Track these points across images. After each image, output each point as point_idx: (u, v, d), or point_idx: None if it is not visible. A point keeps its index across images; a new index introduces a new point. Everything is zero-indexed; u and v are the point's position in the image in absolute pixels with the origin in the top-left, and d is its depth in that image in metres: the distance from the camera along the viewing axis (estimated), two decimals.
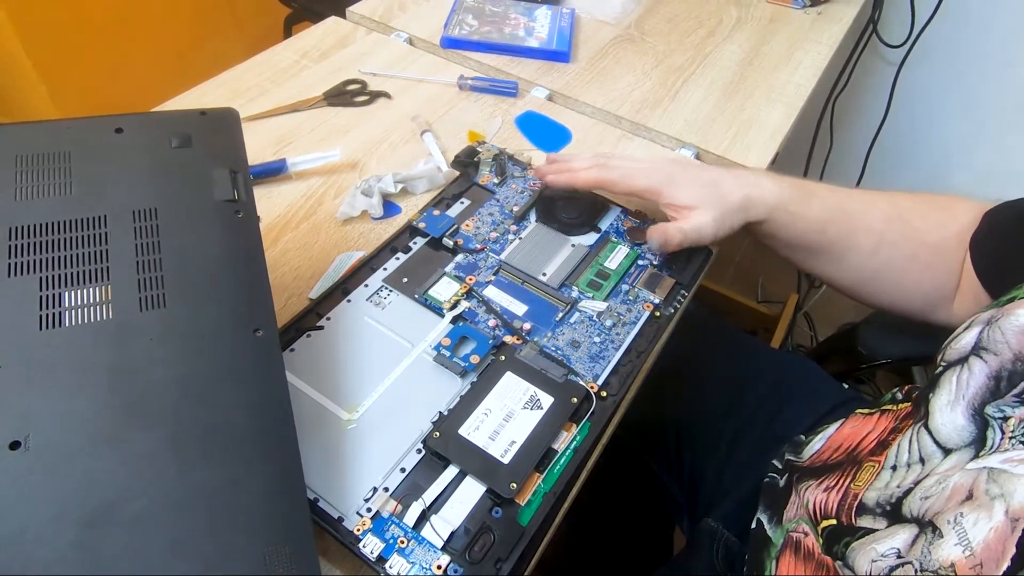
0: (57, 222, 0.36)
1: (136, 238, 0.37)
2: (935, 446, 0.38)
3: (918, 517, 0.35)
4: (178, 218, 0.38)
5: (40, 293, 0.33)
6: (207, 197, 0.40)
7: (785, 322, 1.41)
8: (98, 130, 0.41)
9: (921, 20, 1.23)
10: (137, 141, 0.41)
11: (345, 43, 0.83)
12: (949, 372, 0.40)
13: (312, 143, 0.69)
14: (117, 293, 0.35)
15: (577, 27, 0.89)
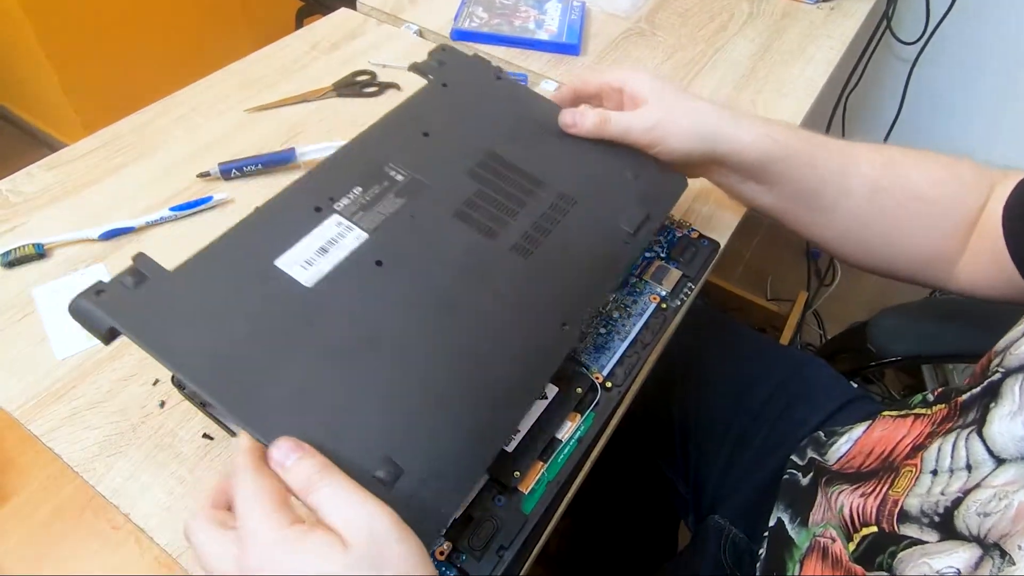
0: (517, 165, 0.49)
1: (548, 209, 0.47)
2: (987, 454, 0.36)
3: (979, 536, 0.34)
4: (584, 216, 0.48)
5: (472, 194, 0.46)
6: (615, 218, 0.49)
7: (794, 320, 1.40)
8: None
9: (936, 16, 1.21)
10: (607, 157, 0.52)
11: (355, 35, 0.83)
12: (1011, 380, 0.38)
13: (321, 133, 0.69)
14: (506, 228, 0.45)
15: (587, 20, 0.89)
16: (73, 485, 0.44)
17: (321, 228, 0.40)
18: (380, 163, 0.45)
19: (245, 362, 0.34)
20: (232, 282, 0.37)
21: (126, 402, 0.47)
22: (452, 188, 0.45)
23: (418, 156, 0.46)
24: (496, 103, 0.53)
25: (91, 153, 0.64)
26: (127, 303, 0.35)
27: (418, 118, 0.50)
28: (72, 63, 1.45)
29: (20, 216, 0.58)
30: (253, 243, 0.39)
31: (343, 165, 0.45)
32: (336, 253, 0.39)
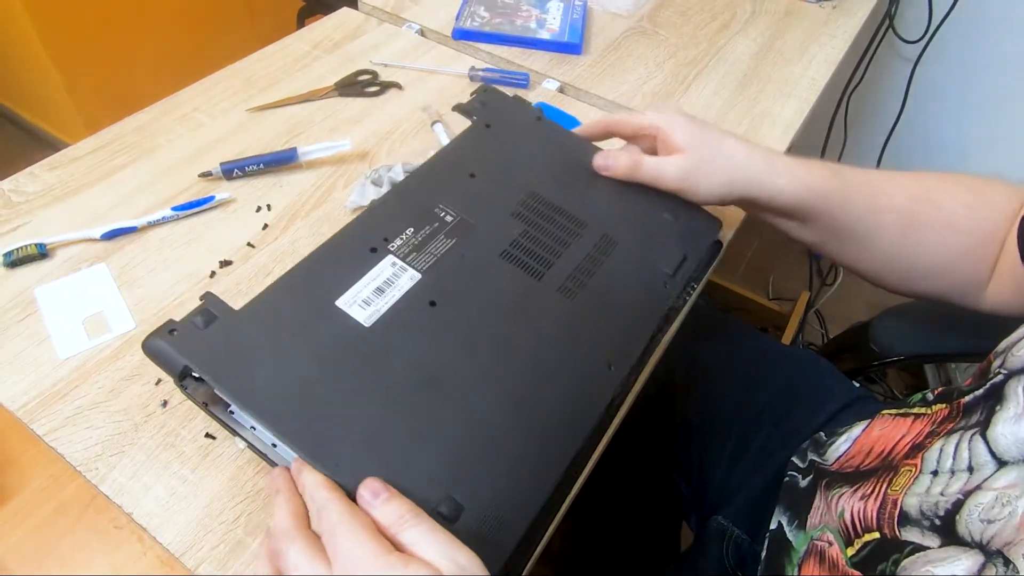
0: (558, 206, 0.50)
1: (591, 250, 0.48)
2: (989, 456, 0.36)
3: (981, 543, 0.33)
4: (625, 258, 0.49)
5: (518, 235, 0.47)
6: (655, 259, 0.50)
7: (796, 320, 1.40)
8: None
9: (938, 15, 1.21)
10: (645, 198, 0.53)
11: (357, 34, 0.83)
12: (1014, 381, 0.38)
13: (323, 133, 0.69)
14: (551, 269, 0.46)
15: (589, 19, 0.89)
16: (75, 484, 0.44)
17: (377, 269, 0.42)
18: (430, 204, 0.46)
19: (312, 402, 0.36)
20: (296, 322, 0.39)
21: (128, 402, 0.47)
22: (498, 229, 0.47)
23: (465, 197, 0.48)
24: (537, 144, 0.55)
25: (93, 153, 0.64)
26: (198, 343, 0.36)
27: (464, 159, 0.51)
28: (75, 63, 1.45)
29: (22, 216, 0.58)
30: (314, 283, 0.40)
31: (396, 206, 0.46)
32: (392, 293, 0.41)
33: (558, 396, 0.41)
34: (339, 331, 0.39)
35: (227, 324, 0.37)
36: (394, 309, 0.40)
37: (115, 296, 0.53)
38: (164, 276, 0.55)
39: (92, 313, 0.51)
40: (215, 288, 0.54)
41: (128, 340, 0.50)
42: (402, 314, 0.40)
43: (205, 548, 0.41)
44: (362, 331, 0.39)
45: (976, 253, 0.51)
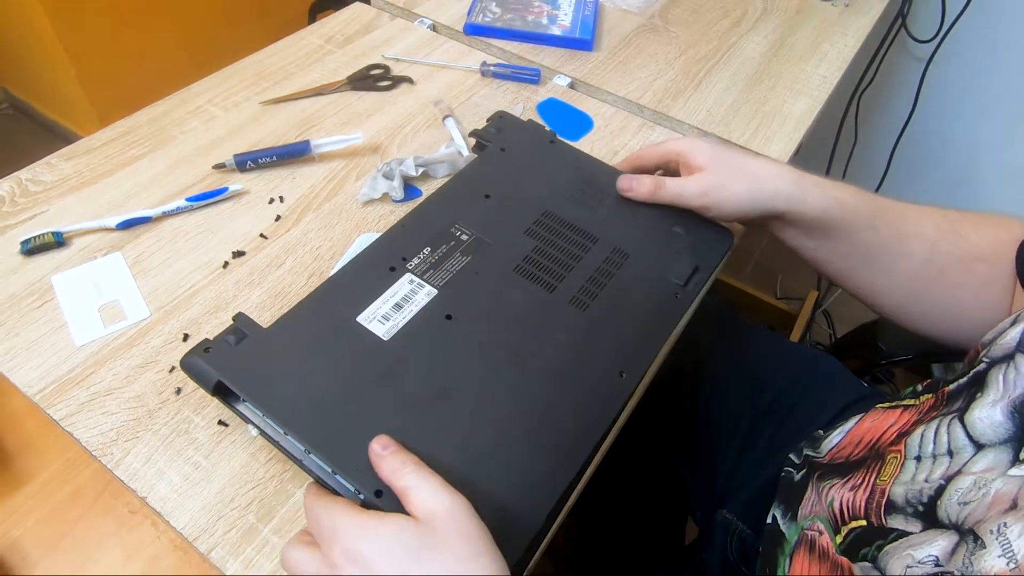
0: (571, 222, 0.52)
1: (603, 263, 0.50)
2: (967, 439, 0.37)
3: (957, 524, 0.34)
4: (637, 270, 0.50)
5: (530, 251, 0.49)
6: (667, 271, 0.51)
7: (803, 320, 1.39)
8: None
9: (952, 15, 1.21)
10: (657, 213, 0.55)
11: (369, 28, 0.84)
12: (996, 370, 0.38)
13: (335, 126, 0.69)
14: (564, 283, 0.47)
15: (601, 16, 0.89)
16: (91, 469, 0.45)
17: (396, 286, 0.44)
18: (447, 224, 0.49)
19: (334, 412, 0.39)
20: (319, 337, 0.42)
21: (143, 388, 0.47)
22: (512, 245, 0.49)
23: (481, 217, 0.50)
24: (550, 165, 0.57)
25: (109, 144, 0.65)
26: (231, 359, 0.39)
27: (480, 182, 0.53)
28: (88, 56, 1.46)
29: (40, 205, 0.59)
30: (336, 301, 0.43)
31: (414, 227, 0.49)
32: (409, 309, 0.43)
33: (571, 404, 0.42)
34: (360, 345, 0.41)
35: (256, 341, 0.41)
36: (411, 323, 0.43)
37: (130, 284, 0.53)
38: (178, 265, 0.55)
39: (108, 301, 0.52)
40: (228, 279, 0.55)
41: (143, 328, 0.51)
42: (419, 327, 0.43)
43: (218, 533, 0.41)
44: (381, 344, 0.41)
45: (1000, 283, 0.50)
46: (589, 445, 0.41)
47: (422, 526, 0.33)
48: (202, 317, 0.52)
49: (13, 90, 1.79)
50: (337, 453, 0.37)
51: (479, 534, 0.33)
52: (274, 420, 0.38)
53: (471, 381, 0.41)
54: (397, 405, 0.39)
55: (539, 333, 0.45)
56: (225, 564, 0.40)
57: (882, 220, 0.52)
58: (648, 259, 0.51)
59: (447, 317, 0.43)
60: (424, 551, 0.32)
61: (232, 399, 0.40)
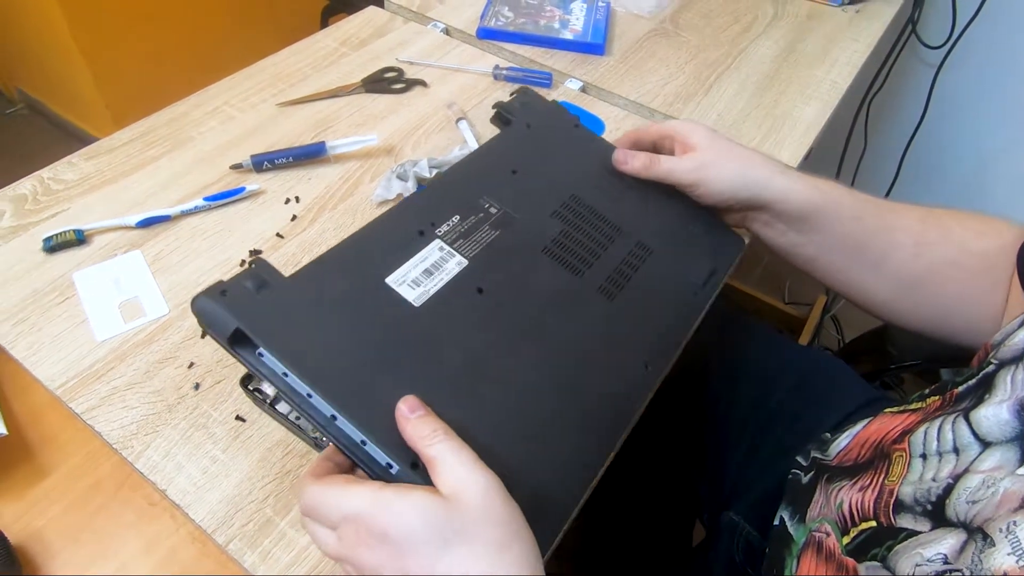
0: (596, 210, 0.51)
1: (627, 255, 0.50)
2: (972, 437, 0.37)
3: (965, 522, 0.34)
4: (659, 266, 0.51)
5: (558, 234, 0.48)
6: (687, 269, 0.52)
7: (812, 324, 1.39)
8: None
9: (962, 21, 1.21)
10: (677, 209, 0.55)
11: (383, 32, 0.85)
12: (1004, 371, 0.39)
13: (350, 128, 0.70)
14: (591, 270, 0.47)
15: (612, 20, 0.90)
16: (111, 462, 0.46)
17: (425, 251, 0.42)
18: (475, 195, 0.48)
19: (367, 377, 0.36)
20: (347, 294, 0.39)
21: (163, 383, 0.48)
22: (540, 225, 0.48)
23: (508, 192, 0.49)
24: (575, 149, 0.56)
25: (129, 144, 0.66)
26: (251, 306, 0.35)
27: (507, 156, 0.52)
28: (104, 58, 1.48)
29: (61, 203, 0.60)
30: (363, 259, 0.41)
31: (442, 193, 0.47)
32: (440, 277, 0.41)
33: (598, 392, 0.42)
34: (390, 308, 0.39)
35: (278, 290, 0.37)
36: (443, 292, 0.41)
37: (149, 282, 0.54)
38: (196, 264, 0.56)
39: (127, 298, 0.53)
40: None
41: (162, 324, 0.52)
42: (451, 298, 0.41)
43: (236, 525, 0.42)
44: (412, 310, 0.39)
45: (987, 278, 0.50)
46: (617, 434, 0.41)
47: (451, 507, 0.30)
48: None
49: (29, 90, 1.81)
50: (368, 419, 0.34)
51: (513, 517, 0.31)
52: (301, 377, 0.34)
53: (503, 359, 0.40)
54: (428, 375, 0.37)
55: (568, 317, 0.44)
56: (243, 556, 0.41)
57: (866, 211, 0.52)
58: (669, 256, 0.51)
59: (479, 291, 0.42)
60: (454, 536, 0.30)
61: (247, 352, 0.35)
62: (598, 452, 0.40)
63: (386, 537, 0.30)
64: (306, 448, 0.46)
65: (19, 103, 1.86)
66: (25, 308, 0.52)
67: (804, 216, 0.53)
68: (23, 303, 0.52)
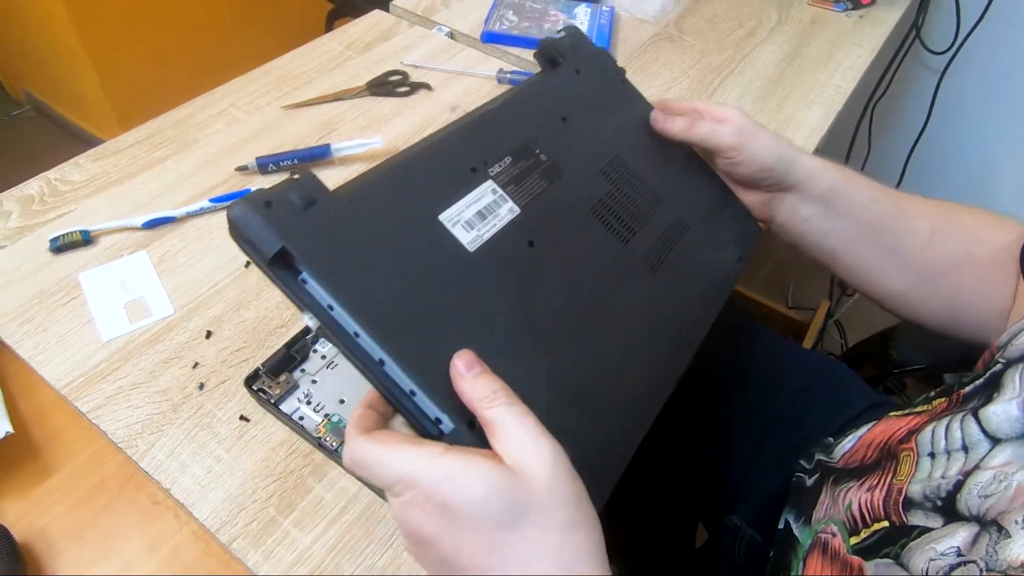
0: (641, 176, 0.49)
1: (667, 228, 0.49)
2: (982, 435, 0.37)
3: (978, 515, 0.34)
4: (696, 243, 0.50)
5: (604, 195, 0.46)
6: (719, 251, 0.52)
7: (815, 329, 1.39)
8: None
9: (966, 26, 1.21)
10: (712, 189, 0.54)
11: (388, 36, 0.85)
12: (1012, 370, 0.39)
13: (355, 130, 0.71)
14: (635, 238, 0.46)
15: (616, 25, 0.90)
16: (116, 461, 0.46)
17: (478, 191, 0.39)
18: (526, 139, 0.44)
19: (421, 322, 0.32)
20: (400, 227, 0.35)
21: (167, 383, 0.49)
22: (588, 183, 0.45)
23: (558, 141, 0.46)
24: (621, 106, 0.53)
25: (135, 145, 0.66)
26: (297, 225, 0.30)
27: (556, 101, 0.49)
28: (110, 60, 1.49)
29: (68, 204, 0.60)
30: (415, 188, 0.37)
31: (493, 129, 0.43)
32: (493, 222, 0.38)
33: (638, 366, 0.41)
34: (444, 249, 0.36)
35: (326, 211, 0.32)
36: (495, 239, 0.38)
37: (155, 282, 0.55)
38: (201, 265, 0.57)
39: (133, 298, 0.53)
40: (250, 278, 0.56)
41: (167, 325, 0.52)
42: (503, 247, 0.38)
43: (239, 525, 0.42)
44: (467, 255, 0.36)
45: (1000, 271, 0.50)
46: (653, 411, 0.40)
47: (517, 481, 0.28)
48: (224, 315, 0.53)
49: (35, 92, 1.82)
50: (421, 367, 0.30)
51: (580, 495, 0.29)
52: (349, 312, 0.30)
53: (553, 319, 0.37)
54: (482, 329, 0.34)
55: (615, 285, 0.42)
56: (246, 555, 0.41)
57: (883, 195, 0.53)
58: (704, 235, 0.50)
59: (530, 243, 0.39)
60: (521, 514, 0.27)
61: (288, 277, 0.31)
62: (634, 432, 0.39)
63: (446, 508, 0.27)
64: (309, 448, 0.46)
65: (25, 105, 1.87)
66: (31, 308, 0.52)
67: (829, 198, 0.53)
68: (29, 303, 0.53)
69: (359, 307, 0.30)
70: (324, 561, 0.41)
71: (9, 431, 0.45)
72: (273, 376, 0.48)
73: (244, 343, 0.51)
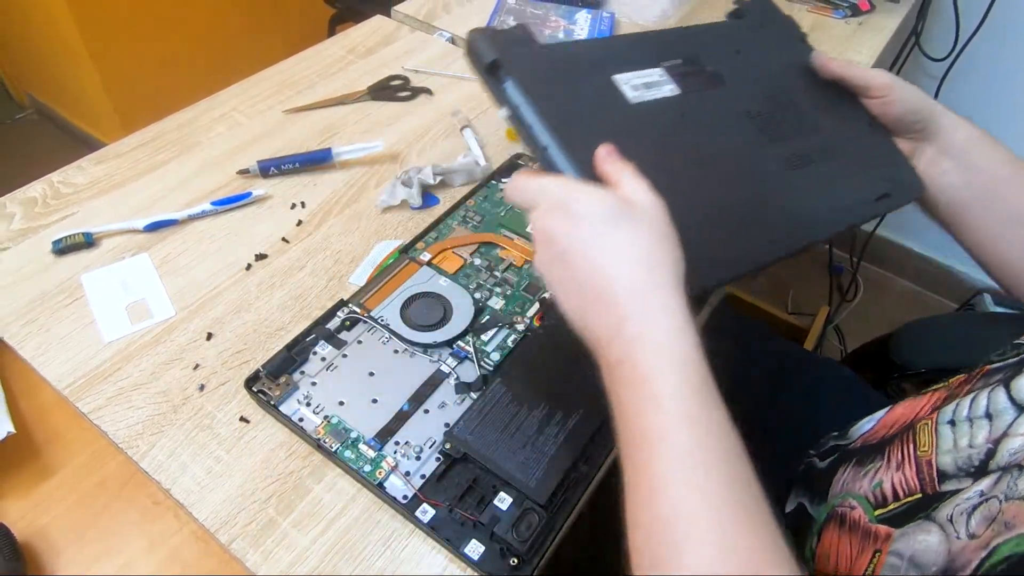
0: (800, 107, 0.55)
1: (816, 148, 0.53)
2: (1009, 403, 0.38)
3: (1004, 466, 0.36)
4: (844, 167, 0.54)
5: (759, 107, 0.52)
6: (861, 181, 0.55)
7: (815, 335, 1.39)
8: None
9: (966, 33, 1.21)
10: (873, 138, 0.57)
11: (389, 41, 0.86)
12: None
13: (356, 135, 0.71)
14: (782, 144, 0.51)
15: (616, 30, 0.90)
16: (116, 461, 0.46)
17: (648, 71, 0.48)
18: (697, 51, 0.52)
19: (572, 120, 0.41)
20: (579, 69, 0.45)
21: (168, 384, 0.49)
22: (746, 95, 0.53)
23: (727, 62, 0.54)
24: (794, 56, 0.60)
25: (137, 148, 0.67)
26: (508, 48, 0.42)
27: (734, 38, 0.57)
28: (113, 63, 1.50)
29: (71, 206, 0.61)
30: (600, 56, 0.47)
31: (671, 41, 0.53)
32: (654, 92, 0.47)
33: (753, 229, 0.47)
34: (610, 94, 0.45)
35: (531, 46, 0.43)
36: (654, 103, 0.47)
37: (156, 284, 0.55)
38: (203, 267, 0.57)
39: (135, 300, 0.54)
40: (250, 280, 0.56)
41: (168, 326, 0.53)
42: (659, 109, 0.47)
43: (238, 525, 0.42)
44: (627, 104, 0.45)
45: None
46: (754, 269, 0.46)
47: (622, 200, 0.36)
48: (225, 317, 0.53)
49: (38, 95, 1.83)
50: (574, 154, 0.39)
51: (671, 233, 0.36)
52: (534, 110, 0.40)
53: (686, 171, 0.45)
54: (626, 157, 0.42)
55: (751, 165, 0.50)
56: (245, 555, 0.41)
57: (1013, 156, 0.56)
58: (849, 167, 0.55)
59: (681, 115, 0.48)
60: (622, 219, 0.35)
61: (495, 83, 0.42)
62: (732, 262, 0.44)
63: (568, 209, 0.36)
64: (308, 450, 0.46)
65: (29, 108, 1.88)
66: (34, 309, 0.53)
67: (967, 149, 0.55)
68: (32, 304, 0.53)
69: (538, 107, 0.40)
70: (323, 561, 0.41)
71: (11, 431, 0.45)
72: (273, 378, 0.48)
73: (244, 345, 0.52)
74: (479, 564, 0.41)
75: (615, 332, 0.34)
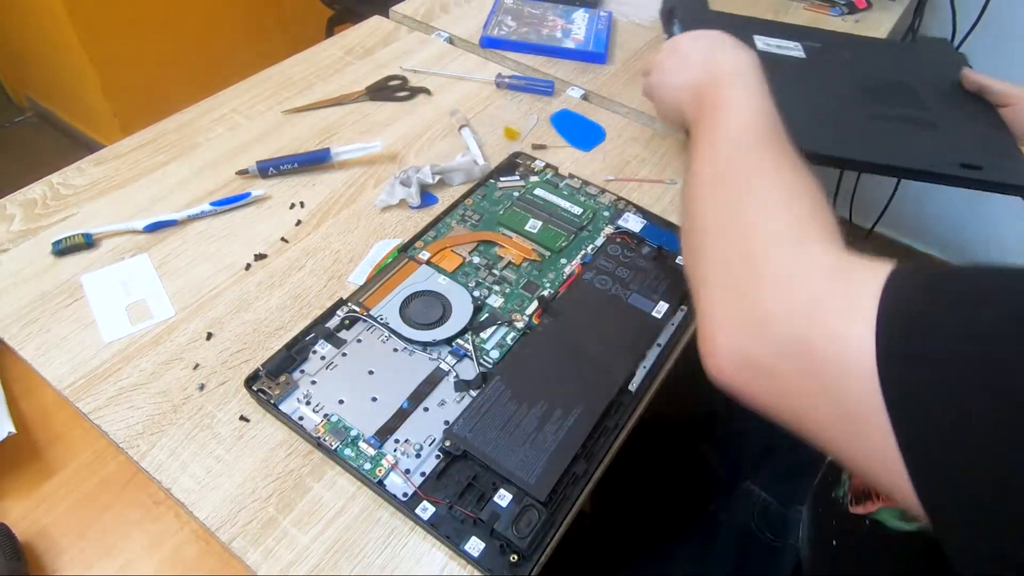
0: (926, 104, 0.66)
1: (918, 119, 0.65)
2: None
3: None
4: (942, 130, 0.65)
5: (875, 87, 0.66)
6: (959, 143, 0.64)
7: None
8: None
9: (963, 30, 1.21)
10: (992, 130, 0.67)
11: (388, 41, 0.86)
12: None
13: (355, 135, 0.71)
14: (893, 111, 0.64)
15: (614, 29, 0.91)
16: (117, 461, 0.47)
17: (787, 42, 0.63)
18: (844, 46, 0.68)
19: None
20: (730, 29, 0.53)
21: (168, 384, 0.49)
22: (870, 78, 0.63)
23: (867, 53, 0.65)
24: (946, 71, 0.69)
25: (137, 149, 0.67)
26: (686, 4, 0.60)
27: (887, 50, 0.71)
28: (112, 65, 1.50)
29: (70, 207, 0.61)
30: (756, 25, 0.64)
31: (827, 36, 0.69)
32: (783, 52, 0.61)
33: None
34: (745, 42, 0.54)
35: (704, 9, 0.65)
36: (778, 56, 0.61)
37: (156, 285, 0.55)
38: (202, 267, 0.57)
39: (135, 300, 0.54)
40: (250, 280, 0.56)
41: (168, 326, 0.53)
42: (780, 62, 0.60)
43: (239, 524, 0.43)
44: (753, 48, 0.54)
45: None
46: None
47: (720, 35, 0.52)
48: (225, 317, 0.54)
49: (37, 98, 1.83)
50: None
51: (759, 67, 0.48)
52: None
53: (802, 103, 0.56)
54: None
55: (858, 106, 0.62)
56: (246, 554, 0.41)
57: None
58: (949, 137, 0.63)
59: (799, 73, 0.62)
60: (732, 39, 0.50)
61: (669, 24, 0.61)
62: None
63: (676, 50, 0.54)
64: (308, 448, 0.46)
65: (28, 111, 1.88)
66: (34, 310, 0.53)
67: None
68: (32, 305, 0.53)
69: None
70: (323, 560, 0.42)
71: (11, 431, 0.46)
72: (273, 377, 0.49)
73: (244, 344, 0.52)
74: (479, 561, 0.41)
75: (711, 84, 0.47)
